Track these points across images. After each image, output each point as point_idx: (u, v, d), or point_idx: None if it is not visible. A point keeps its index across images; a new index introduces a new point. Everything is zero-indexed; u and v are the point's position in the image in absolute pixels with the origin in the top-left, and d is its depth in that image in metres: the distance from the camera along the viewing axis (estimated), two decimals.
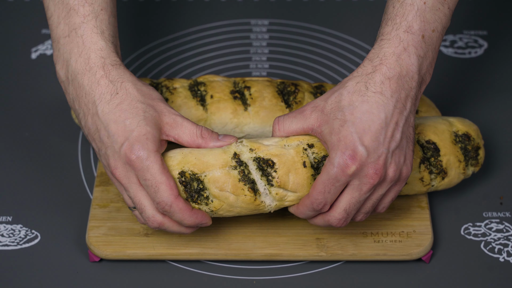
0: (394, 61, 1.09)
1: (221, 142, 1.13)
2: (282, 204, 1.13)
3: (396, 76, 1.08)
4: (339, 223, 1.12)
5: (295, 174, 1.11)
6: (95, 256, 1.21)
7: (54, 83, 1.45)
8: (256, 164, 1.11)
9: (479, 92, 1.44)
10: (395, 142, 1.08)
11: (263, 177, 1.11)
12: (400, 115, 1.09)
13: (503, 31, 1.54)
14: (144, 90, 1.13)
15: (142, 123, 1.09)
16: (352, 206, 1.10)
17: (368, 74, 1.09)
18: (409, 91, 1.09)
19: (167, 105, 1.13)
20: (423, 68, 1.10)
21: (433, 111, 1.34)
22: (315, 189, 1.09)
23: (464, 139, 1.24)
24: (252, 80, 1.32)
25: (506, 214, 1.27)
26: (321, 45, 1.52)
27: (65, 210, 1.27)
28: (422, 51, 1.10)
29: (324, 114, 1.09)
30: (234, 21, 1.56)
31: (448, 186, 1.23)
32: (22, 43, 1.52)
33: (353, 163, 1.06)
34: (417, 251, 1.20)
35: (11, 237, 1.24)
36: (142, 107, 1.10)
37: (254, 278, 1.20)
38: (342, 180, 1.07)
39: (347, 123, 1.07)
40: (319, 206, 1.10)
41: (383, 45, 1.10)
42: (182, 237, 1.21)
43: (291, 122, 1.12)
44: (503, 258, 1.22)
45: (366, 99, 1.08)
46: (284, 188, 1.11)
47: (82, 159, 1.34)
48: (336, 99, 1.09)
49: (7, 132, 1.37)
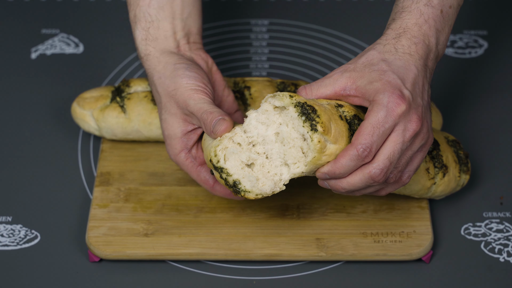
0: (417, 30, 1.11)
1: (214, 129, 1.12)
2: (319, 159, 1.06)
3: (421, 43, 1.10)
4: (380, 174, 1.06)
5: (335, 123, 1.07)
6: (95, 256, 1.21)
7: (54, 83, 1.45)
8: (299, 109, 1.06)
9: (479, 92, 1.44)
10: (425, 100, 1.09)
11: (306, 122, 1.06)
12: (425, 79, 1.10)
13: (503, 31, 1.54)
14: (169, 86, 1.18)
15: (163, 126, 1.19)
16: (395, 154, 1.06)
17: (394, 39, 1.10)
18: (429, 61, 1.11)
19: (191, 88, 1.15)
20: (440, 41, 1.12)
21: (433, 111, 1.34)
22: (361, 133, 1.05)
23: (455, 144, 1.25)
24: (252, 80, 1.32)
25: (506, 214, 1.27)
26: (321, 45, 1.52)
27: (65, 210, 1.27)
28: (440, 25, 1.12)
29: (357, 71, 1.08)
30: (234, 21, 1.56)
31: (445, 190, 1.22)
32: (22, 43, 1.52)
33: (403, 101, 1.05)
34: (417, 251, 1.20)
35: (11, 237, 1.24)
36: (167, 104, 1.18)
37: (254, 278, 1.20)
38: (390, 122, 1.05)
39: (387, 72, 1.07)
40: (365, 152, 1.05)
41: (405, 17, 1.11)
42: (182, 237, 1.21)
43: (319, 86, 1.10)
44: (503, 258, 1.22)
45: (398, 57, 1.09)
46: (327, 135, 1.05)
47: (82, 159, 1.34)
48: (367, 58, 1.09)
49: (7, 132, 1.37)
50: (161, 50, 1.21)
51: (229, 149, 1.08)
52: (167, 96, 1.17)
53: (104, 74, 1.47)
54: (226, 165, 1.07)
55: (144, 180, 1.28)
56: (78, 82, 1.44)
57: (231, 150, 1.08)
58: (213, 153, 1.08)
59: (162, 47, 1.21)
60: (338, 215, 1.24)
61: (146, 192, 1.27)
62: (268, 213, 1.24)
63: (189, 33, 1.23)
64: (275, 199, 1.26)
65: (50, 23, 1.55)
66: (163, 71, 1.18)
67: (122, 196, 1.26)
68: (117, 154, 1.32)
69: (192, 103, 1.14)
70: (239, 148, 1.08)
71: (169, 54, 1.20)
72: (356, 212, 1.25)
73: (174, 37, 1.22)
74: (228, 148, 1.08)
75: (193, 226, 1.23)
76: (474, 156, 1.34)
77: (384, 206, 1.25)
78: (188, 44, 1.23)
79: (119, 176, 1.29)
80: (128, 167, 1.30)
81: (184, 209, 1.25)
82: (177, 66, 1.18)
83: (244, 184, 1.07)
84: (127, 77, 1.46)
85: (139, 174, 1.29)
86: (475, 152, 1.35)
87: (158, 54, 1.20)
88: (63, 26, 1.55)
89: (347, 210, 1.25)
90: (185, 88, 1.15)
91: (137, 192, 1.27)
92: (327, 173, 1.08)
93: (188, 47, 1.23)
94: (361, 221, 1.23)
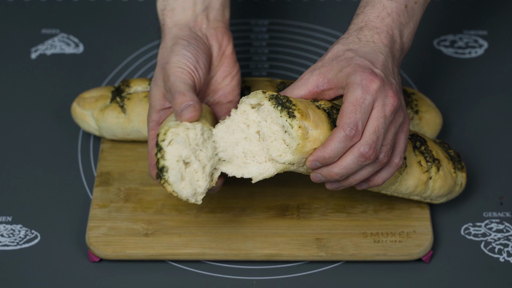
0: (379, 22, 1.12)
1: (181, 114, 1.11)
2: (304, 146, 1.06)
3: (384, 33, 1.11)
4: (370, 150, 1.06)
5: (313, 111, 1.08)
6: (95, 256, 1.21)
7: (54, 83, 1.45)
8: (274, 101, 1.07)
9: (479, 92, 1.44)
10: (397, 80, 1.10)
11: (283, 111, 1.06)
12: (393, 65, 1.11)
13: (503, 31, 1.54)
14: (166, 59, 1.16)
15: (151, 91, 1.17)
16: (380, 129, 1.06)
17: (356, 31, 1.12)
18: (395, 50, 1.12)
19: (177, 65, 1.15)
20: (404, 34, 1.13)
21: (433, 111, 1.34)
22: (344, 113, 1.06)
23: (443, 145, 1.25)
24: (252, 80, 1.32)
25: (506, 214, 1.27)
26: (321, 45, 1.52)
27: (65, 210, 1.27)
28: (404, 19, 1.13)
29: (325, 66, 1.10)
30: (234, 21, 1.56)
31: (443, 186, 1.21)
32: (22, 43, 1.52)
33: (375, 78, 1.06)
34: (417, 251, 1.20)
35: (11, 237, 1.24)
36: (157, 72, 1.17)
37: (254, 278, 1.20)
38: (369, 98, 1.06)
39: (354, 57, 1.08)
40: (352, 130, 1.05)
41: (367, 11, 1.13)
42: (182, 237, 1.21)
43: (292, 89, 1.11)
44: (503, 258, 1.22)
45: (362, 45, 1.10)
46: (306, 120, 1.06)
47: (82, 159, 1.34)
48: (332, 53, 1.11)
49: (7, 132, 1.37)
50: (176, 22, 1.20)
51: (178, 138, 1.07)
52: (160, 67, 1.17)
53: (104, 74, 1.47)
54: (167, 148, 1.07)
55: (144, 180, 1.28)
56: (78, 82, 1.44)
57: (179, 139, 1.07)
58: (164, 130, 1.08)
59: (178, 18, 1.20)
60: (338, 215, 1.24)
61: (146, 192, 1.27)
62: (268, 213, 1.24)
63: (209, 7, 1.21)
64: (275, 199, 1.26)
65: (50, 23, 1.55)
66: (167, 42, 1.18)
67: (122, 196, 1.26)
68: (117, 154, 1.32)
69: (172, 80, 1.13)
70: (186, 143, 1.08)
71: (181, 27, 1.19)
72: (356, 212, 1.25)
73: (193, 9, 1.20)
74: (178, 136, 1.07)
75: (193, 226, 1.23)
76: (474, 156, 1.34)
77: (384, 206, 1.25)
78: (207, 19, 1.21)
79: (119, 176, 1.29)
80: (128, 167, 1.30)
81: (184, 209, 1.25)
82: (178, 41, 1.17)
83: (169, 175, 1.07)
84: (127, 77, 1.46)
85: (139, 174, 1.29)
86: (475, 152, 1.35)
87: (171, 25, 1.19)
88: (63, 26, 1.55)
89: (347, 210, 1.25)
90: (174, 65, 1.14)
91: (137, 192, 1.27)
92: (317, 159, 1.07)
93: (206, 23, 1.21)
94: (361, 221, 1.23)
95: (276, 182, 1.28)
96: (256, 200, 1.26)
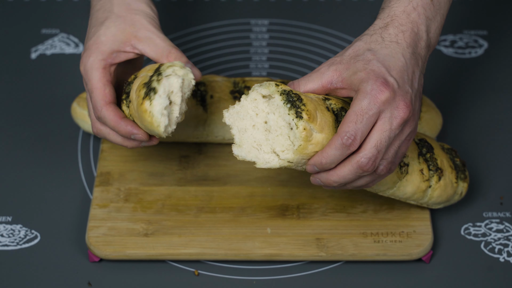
0: (405, 18, 1.10)
1: None
2: (305, 148, 1.06)
3: (409, 31, 1.09)
4: (368, 163, 1.05)
5: (321, 113, 1.06)
6: (95, 256, 1.21)
7: (54, 83, 1.45)
8: (285, 97, 1.06)
9: (479, 92, 1.44)
10: (415, 87, 1.08)
11: (291, 110, 1.05)
12: (416, 66, 1.09)
13: (503, 31, 1.54)
14: (130, 3, 1.17)
15: (101, 33, 1.16)
16: (383, 143, 1.05)
17: (381, 28, 1.10)
18: (420, 49, 1.10)
19: (150, 22, 1.16)
20: (431, 30, 1.11)
21: (433, 111, 1.34)
22: (345, 121, 1.05)
23: (451, 152, 1.24)
24: (252, 80, 1.32)
25: (506, 214, 1.27)
26: (321, 45, 1.52)
27: (65, 210, 1.27)
28: (431, 13, 1.11)
29: (343, 63, 1.08)
30: (234, 21, 1.56)
31: (442, 196, 1.21)
32: (22, 43, 1.52)
33: (386, 88, 1.04)
34: (417, 251, 1.20)
35: (11, 237, 1.24)
36: (112, 18, 1.16)
37: (254, 278, 1.20)
38: (375, 110, 1.04)
39: (372, 61, 1.06)
40: (349, 140, 1.04)
41: (393, 5, 1.11)
42: (182, 237, 1.21)
43: (306, 81, 1.09)
44: (503, 258, 1.22)
45: (385, 45, 1.08)
46: (312, 122, 1.05)
47: (82, 159, 1.34)
48: (353, 50, 1.09)
49: (7, 132, 1.37)
50: None
51: (178, 79, 1.09)
52: (124, 10, 1.17)
53: None
54: (166, 78, 1.09)
55: (144, 180, 1.28)
56: (78, 82, 1.44)
57: (178, 80, 1.09)
58: (171, 64, 1.10)
59: None
60: (338, 215, 1.24)
61: (146, 192, 1.27)
62: (268, 213, 1.24)
63: None
64: (275, 199, 1.26)
65: (50, 23, 1.55)
66: None
67: (122, 196, 1.26)
68: (117, 154, 1.32)
69: (160, 35, 1.15)
70: (180, 86, 1.09)
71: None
72: (356, 212, 1.25)
73: None
74: (178, 77, 1.09)
75: (193, 226, 1.23)
76: (474, 156, 1.34)
77: (384, 206, 1.25)
78: None
79: (119, 176, 1.29)
80: (128, 167, 1.30)
81: (184, 209, 1.25)
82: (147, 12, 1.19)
83: (156, 98, 1.08)
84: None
85: (139, 174, 1.29)
86: (475, 152, 1.35)
87: None
88: (63, 26, 1.55)
89: (347, 210, 1.25)
90: (147, 16, 1.17)
91: (137, 192, 1.27)
92: (314, 164, 1.07)
93: None
94: (361, 221, 1.23)
95: (276, 182, 1.28)
96: (256, 200, 1.26)
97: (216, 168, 1.30)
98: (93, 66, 1.15)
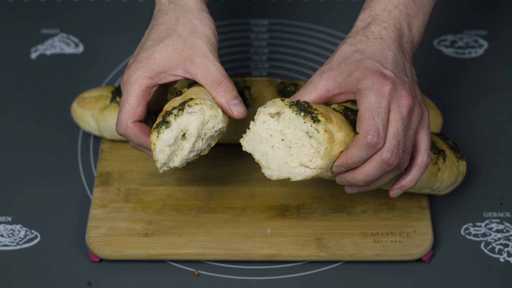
0: (386, 15, 1.10)
1: (231, 106, 1.11)
2: (332, 150, 1.05)
3: (391, 26, 1.10)
4: (392, 156, 1.04)
5: (332, 113, 1.06)
6: (95, 256, 1.21)
7: (54, 83, 1.45)
8: (296, 107, 1.05)
9: (479, 92, 1.44)
10: (409, 76, 1.08)
11: (306, 117, 1.04)
12: (404, 58, 1.09)
13: (503, 31, 1.54)
14: (196, 26, 1.14)
15: (157, 49, 1.12)
16: (400, 132, 1.04)
17: (363, 28, 1.10)
18: (404, 43, 1.10)
19: (210, 50, 1.13)
20: (413, 26, 1.12)
21: (433, 111, 1.34)
22: (362, 121, 1.04)
23: (441, 136, 1.26)
24: (252, 80, 1.32)
25: (506, 214, 1.27)
26: (321, 45, 1.52)
27: (65, 210, 1.27)
28: (412, 11, 1.11)
29: (334, 69, 1.08)
30: (234, 21, 1.56)
31: (450, 176, 1.21)
32: (22, 43, 1.52)
33: (386, 80, 1.04)
34: (417, 251, 1.20)
35: (11, 237, 1.24)
36: (173, 37, 1.12)
37: (254, 278, 1.20)
38: (384, 102, 1.04)
39: (363, 59, 1.07)
40: (374, 137, 1.03)
41: (374, 5, 1.12)
42: (182, 237, 1.21)
43: (302, 94, 1.09)
44: (503, 258, 1.22)
45: (370, 43, 1.08)
46: (330, 123, 1.04)
47: (82, 159, 1.34)
48: (340, 54, 1.09)
49: (7, 132, 1.37)
50: None
51: (200, 116, 1.08)
52: (187, 31, 1.14)
53: (104, 74, 1.47)
54: (186, 115, 1.08)
55: (144, 180, 1.28)
56: (78, 82, 1.44)
57: (199, 118, 1.08)
58: (198, 101, 1.08)
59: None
60: (338, 215, 1.24)
61: (146, 192, 1.27)
62: (268, 213, 1.24)
63: None
64: (275, 199, 1.26)
65: (50, 23, 1.55)
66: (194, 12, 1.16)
67: (122, 196, 1.26)
68: (117, 154, 1.32)
69: (212, 57, 1.12)
70: (200, 126, 1.08)
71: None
72: (356, 212, 1.25)
73: None
74: (203, 115, 1.08)
75: (193, 226, 1.23)
76: (474, 156, 1.34)
77: (384, 206, 1.25)
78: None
79: (119, 176, 1.29)
80: (128, 167, 1.30)
81: (184, 209, 1.25)
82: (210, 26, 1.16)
83: (166, 132, 1.07)
84: None
85: (139, 174, 1.29)
86: (475, 152, 1.35)
87: None
88: (63, 26, 1.55)
89: (347, 210, 1.25)
90: (206, 39, 1.14)
91: (137, 192, 1.27)
92: (341, 165, 1.06)
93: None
94: (361, 221, 1.23)
95: (276, 182, 1.28)
96: (256, 200, 1.26)
97: (216, 168, 1.30)
98: (137, 81, 1.11)
